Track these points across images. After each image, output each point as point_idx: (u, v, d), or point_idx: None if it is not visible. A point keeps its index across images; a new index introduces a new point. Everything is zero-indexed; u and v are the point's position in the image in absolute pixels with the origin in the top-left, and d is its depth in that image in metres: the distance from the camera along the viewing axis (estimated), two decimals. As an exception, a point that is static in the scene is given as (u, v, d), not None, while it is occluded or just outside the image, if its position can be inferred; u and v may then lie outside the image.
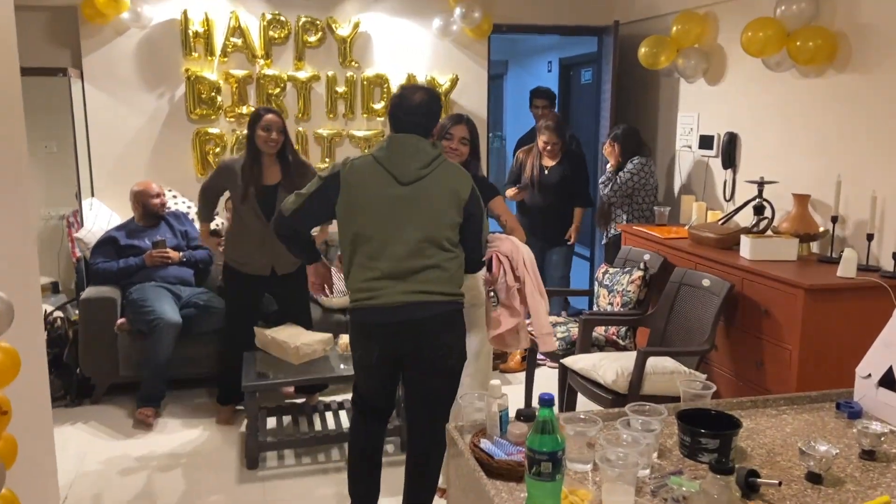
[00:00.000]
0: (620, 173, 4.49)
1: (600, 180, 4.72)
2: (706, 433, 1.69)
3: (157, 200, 4.37)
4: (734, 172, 4.18)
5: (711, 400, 1.94)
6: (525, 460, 1.45)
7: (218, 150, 4.91)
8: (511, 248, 2.83)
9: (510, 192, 4.89)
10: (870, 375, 1.96)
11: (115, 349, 4.10)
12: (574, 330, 3.73)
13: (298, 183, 3.48)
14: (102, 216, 4.58)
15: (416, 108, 2.48)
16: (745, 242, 3.37)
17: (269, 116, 3.69)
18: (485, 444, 1.70)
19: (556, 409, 1.48)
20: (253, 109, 4.84)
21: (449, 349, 2.49)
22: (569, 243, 4.87)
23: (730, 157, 4.16)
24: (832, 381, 2.95)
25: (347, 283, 2.53)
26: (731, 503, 1.46)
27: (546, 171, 4.79)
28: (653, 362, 3.09)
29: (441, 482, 2.68)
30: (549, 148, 4.73)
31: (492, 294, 2.81)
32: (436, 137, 2.65)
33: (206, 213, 3.96)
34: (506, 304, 2.79)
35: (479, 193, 2.55)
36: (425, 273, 2.42)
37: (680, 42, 4.40)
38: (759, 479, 1.56)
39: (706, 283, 3.35)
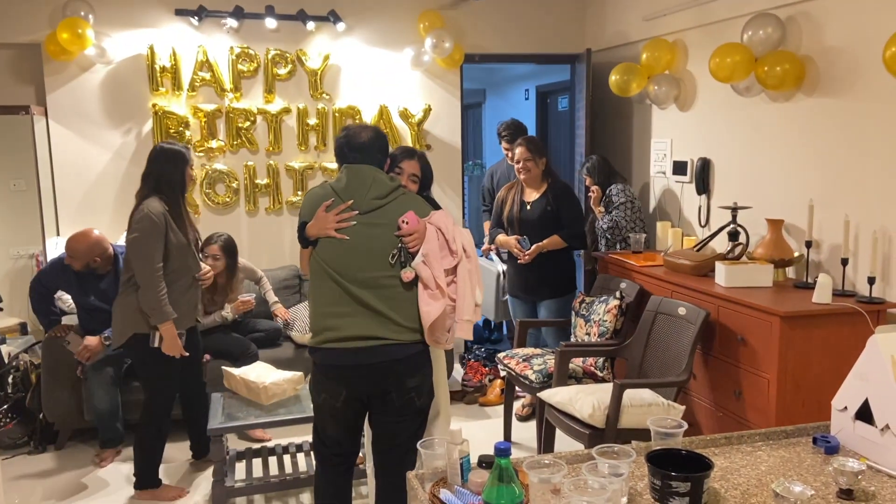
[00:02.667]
0: (615, 211, 4.32)
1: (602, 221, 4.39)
2: (676, 476, 1.60)
3: (97, 261, 3.78)
4: (708, 198, 4.15)
5: (685, 437, 1.86)
6: (483, 513, 1.36)
7: (187, 185, 4.82)
8: (447, 222, 2.52)
9: (507, 242, 4.16)
10: (846, 408, 1.89)
11: (79, 393, 3.96)
12: (551, 362, 3.65)
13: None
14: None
15: (364, 145, 2.46)
16: (721, 269, 3.32)
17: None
18: (444, 494, 1.61)
19: (516, 454, 1.40)
20: (220, 143, 4.82)
21: (417, 391, 2.43)
22: (523, 253, 4.02)
23: (703, 182, 4.14)
24: (811, 409, 2.90)
25: (311, 309, 2.49)
26: (702, 553, 1.38)
27: (527, 207, 4.13)
28: (630, 394, 3.02)
29: None
30: (521, 165, 4.05)
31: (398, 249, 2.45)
32: (385, 169, 2.59)
33: (163, 298, 3.28)
34: (428, 285, 2.43)
35: None
36: (387, 302, 2.37)
37: (650, 69, 4.40)
38: (731, 526, 1.48)
39: (682, 311, 3.30)
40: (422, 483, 1.73)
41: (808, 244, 3.28)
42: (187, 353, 3.38)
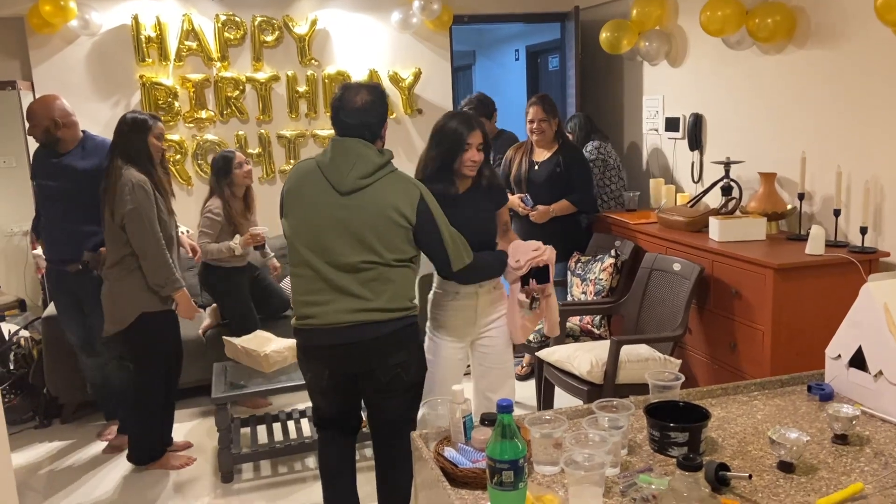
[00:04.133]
0: None
1: None
2: (675, 427, 1.64)
3: (58, 125, 3.47)
4: (701, 154, 4.16)
5: (682, 389, 1.90)
6: (487, 469, 1.40)
7: (178, 156, 4.80)
8: (551, 258, 2.58)
9: (512, 201, 3.93)
10: (839, 356, 1.93)
11: (80, 367, 3.99)
12: (548, 321, 3.68)
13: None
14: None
15: (361, 111, 2.27)
16: (714, 224, 3.35)
17: (160, 124, 3.38)
18: (449, 452, 1.64)
19: (517, 412, 1.43)
20: (210, 113, 4.78)
21: (404, 367, 2.34)
22: (528, 209, 3.93)
23: (696, 138, 4.14)
24: (806, 359, 2.94)
25: (292, 295, 2.41)
26: (701, 500, 1.42)
27: (536, 167, 4.02)
28: (627, 350, 3.06)
29: None
30: (535, 126, 3.95)
31: (534, 303, 2.60)
32: (384, 140, 2.40)
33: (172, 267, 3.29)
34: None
35: (431, 207, 2.29)
36: (367, 286, 2.25)
37: (641, 25, 4.36)
38: (728, 473, 1.52)
39: (677, 267, 3.32)
40: (426, 442, 1.76)
41: (801, 196, 3.30)
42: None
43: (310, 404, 3.83)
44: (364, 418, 2.64)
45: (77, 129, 3.55)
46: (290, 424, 3.71)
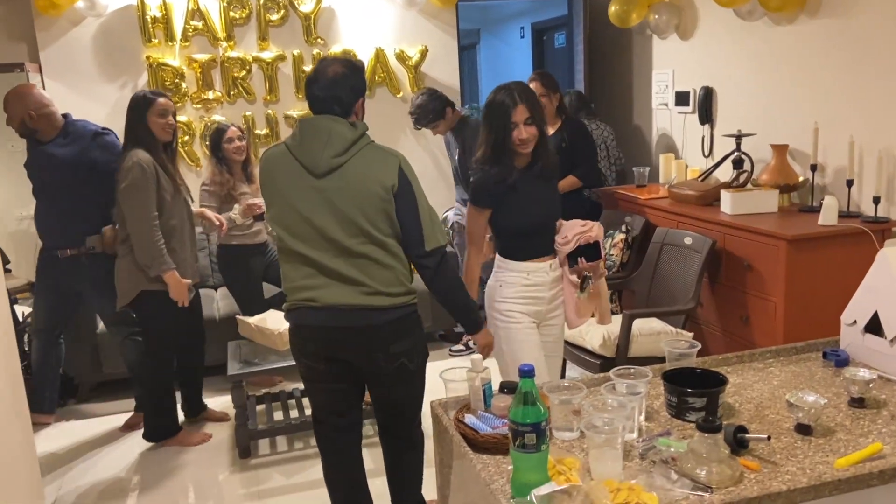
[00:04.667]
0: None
1: None
2: (692, 392, 1.66)
3: (32, 116, 3.45)
4: (711, 127, 4.14)
5: (697, 358, 1.91)
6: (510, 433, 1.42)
7: (186, 137, 4.80)
8: (599, 234, 2.46)
9: None
10: (855, 322, 1.93)
11: (98, 347, 4.03)
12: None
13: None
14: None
15: (331, 83, 2.12)
16: (726, 197, 3.34)
17: (163, 100, 3.29)
18: (469, 418, 1.66)
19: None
20: (217, 94, 4.77)
21: (407, 355, 2.23)
22: None
23: (706, 112, 4.12)
24: (819, 330, 2.92)
25: (283, 283, 2.26)
26: (720, 461, 1.44)
27: None
28: (639, 324, 3.07)
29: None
30: None
31: (586, 283, 2.47)
32: (360, 115, 2.24)
33: (164, 249, 3.23)
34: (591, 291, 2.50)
35: (409, 177, 2.17)
36: (363, 269, 2.14)
37: (650, -3, 4.33)
38: (747, 435, 1.53)
39: (688, 241, 3.32)
40: (445, 410, 1.78)
41: (814, 168, 3.28)
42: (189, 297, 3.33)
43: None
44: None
45: (55, 118, 3.52)
46: (305, 401, 3.74)
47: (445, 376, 1.82)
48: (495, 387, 1.74)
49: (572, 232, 2.44)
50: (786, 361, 2.00)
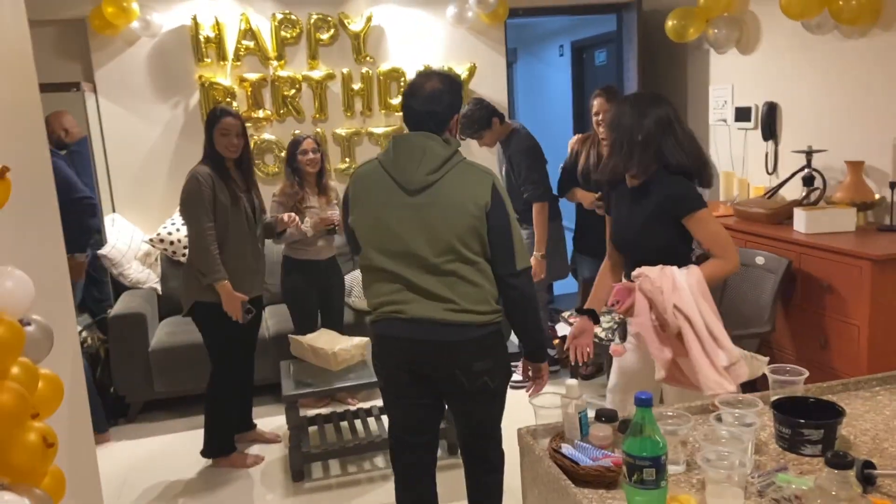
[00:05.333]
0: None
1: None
2: (808, 423, 1.54)
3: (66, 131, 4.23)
4: (776, 144, 4.01)
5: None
6: (620, 466, 1.32)
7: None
8: (652, 288, 2.15)
9: (586, 198, 3.91)
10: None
11: (149, 365, 4.00)
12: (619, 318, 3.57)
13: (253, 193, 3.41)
14: (125, 231, 4.49)
15: (429, 98, 2.13)
16: (800, 215, 3.20)
17: (229, 119, 3.27)
18: (566, 449, 1.56)
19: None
20: (267, 113, 4.77)
21: (489, 374, 2.20)
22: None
23: (770, 128, 3.99)
24: (907, 355, 2.80)
25: (367, 299, 2.26)
26: (851, 500, 1.32)
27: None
28: (711, 347, 2.93)
29: None
30: (601, 118, 3.76)
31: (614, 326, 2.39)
32: (454, 132, 2.24)
33: (219, 260, 3.24)
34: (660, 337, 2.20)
35: (503, 196, 2.15)
36: (452, 287, 2.12)
37: (709, 11, 4.23)
38: (875, 471, 1.41)
39: (760, 260, 3.19)
40: (535, 438, 1.69)
41: (893, 185, 3.14)
42: (246, 318, 3.31)
43: (375, 403, 3.85)
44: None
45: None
46: (358, 423, 3.67)
47: (536, 402, 1.73)
48: (591, 414, 1.64)
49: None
50: (893, 390, 1.87)
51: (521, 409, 1.97)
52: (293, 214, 3.69)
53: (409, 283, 2.14)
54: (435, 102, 2.14)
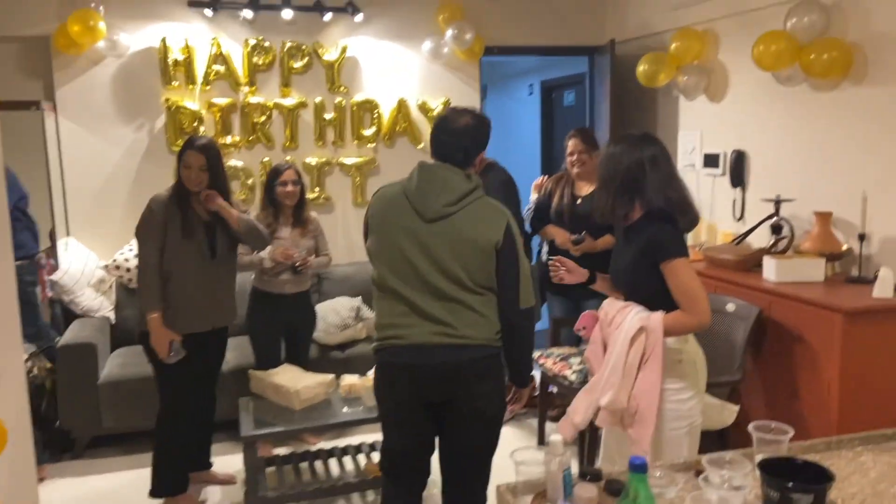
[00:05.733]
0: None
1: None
2: (798, 487, 1.49)
3: None
4: (743, 191, 4.06)
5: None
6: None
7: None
8: (603, 319, 2.38)
9: (560, 235, 3.87)
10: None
11: (98, 398, 3.81)
12: (591, 361, 3.53)
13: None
14: (79, 256, 4.30)
15: (461, 133, 2.23)
16: (770, 263, 3.22)
17: (190, 153, 3.12)
18: (549, 510, 1.49)
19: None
20: (235, 139, 4.66)
21: (486, 399, 2.25)
22: (578, 246, 3.71)
23: (738, 175, 4.04)
24: (877, 410, 2.81)
25: (375, 318, 2.37)
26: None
27: (578, 202, 3.86)
28: (682, 395, 2.90)
29: None
30: (575, 158, 3.82)
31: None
32: (478, 168, 2.34)
33: (157, 291, 3.11)
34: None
35: (515, 236, 2.23)
36: (455, 314, 2.19)
37: (679, 59, 4.30)
38: (868, 541, 1.37)
39: (731, 307, 3.19)
40: (515, 496, 1.61)
41: (862, 237, 3.18)
42: (172, 358, 3.10)
43: (337, 444, 3.71)
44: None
45: None
46: (318, 465, 3.53)
47: (517, 457, 1.65)
48: (574, 471, 1.57)
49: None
50: (877, 450, 1.84)
51: (503, 468, 1.90)
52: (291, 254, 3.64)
53: (414, 306, 2.21)
54: (466, 138, 2.24)
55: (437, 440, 2.38)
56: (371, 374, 3.43)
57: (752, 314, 3.06)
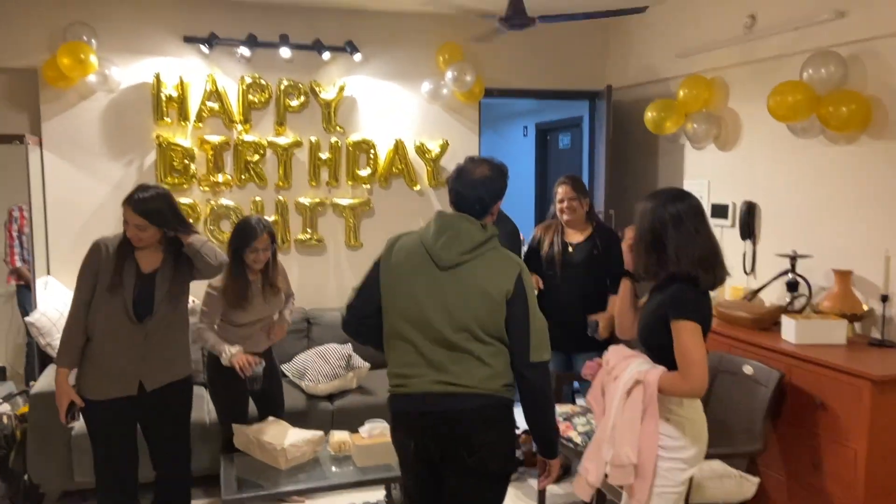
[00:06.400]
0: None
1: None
2: None
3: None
4: (754, 244, 3.92)
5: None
6: None
7: (190, 221, 4.48)
8: (605, 367, 2.43)
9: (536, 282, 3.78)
10: None
11: (70, 451, 3.56)
12: (597, 422, 3.33)
13: (183, 270, 2.88)
14: (58, 297, 4.09)
15: (478, 184, 2.24)
16: (789, 324, 3.06)
17: (127, 208, 2.75)
18: None
19: None
20: (227, 177, 4.51)
21: (489, 449, 2.18)
22: (597, 339, 3.64)
23: (748, 227, 3.90)
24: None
25: (388, 370, 2.34)
26: None
27: (570, 249, 3.78)
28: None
29: None
30: (566, 205, 3.74)
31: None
32: (495, 217, 2.36)
33: (75, 347, 2.82)
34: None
35: (526, 287, 2.21)
36: (462, 364, 2.17)
37: (688, 107, 4.19)
38: None
39: (748, 370, 3.02)
40: None
41: (885, 298, 3.03)
42: (69, 421, 2.85)
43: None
44: None
45: None
46: (305, 530, 3.29)
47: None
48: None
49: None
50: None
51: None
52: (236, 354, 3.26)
53: (421, 354, 2.20)
54: (483, 188, 2.25)
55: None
56: (362, 430, 3.26)
57: (773, 379, 2.88)
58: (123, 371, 2.83)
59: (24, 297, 4.25)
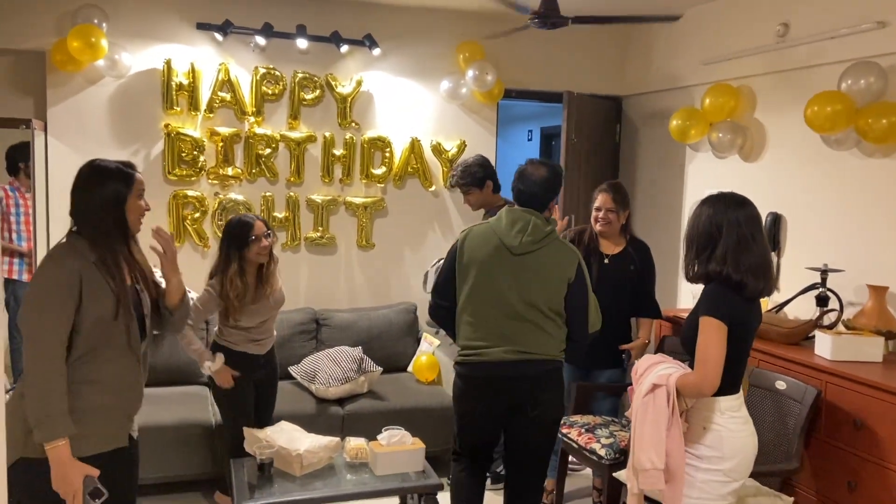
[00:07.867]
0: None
1: None
2: None
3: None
4: (779, 256, 3.84)
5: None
6: None
7: (197, 214, 4.35)
8: (646, 368, 2.44)
9: None
10: None
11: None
12: (623, 434, 3.24)
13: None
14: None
15: (538, 184, 2.69)
16: (824, 340, 2.98)
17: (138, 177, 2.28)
18: None
19: None
20: (237, 170, 4.38)
21: (550, 403, 2.70)
22: (627, 362, 3.53)
23: (774, 238, 3.83)
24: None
25: (457, 340, 2.77)
26: None
27: (606, 261, 3.51)
28: (732, 483, 2.62)
29: None
30: (602, 215, 3.47)
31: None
32: (552, 212, 2.83)
33: (61, 401, 1.97)
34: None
35: (583, 273, 2.67)
36: (530, 335, 2.62)
37: (712, 115, 4.11)
38: None
39: (781, 385, 2.93)
40: None
41: (923, 316, 2.97)
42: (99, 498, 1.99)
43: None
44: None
45: None
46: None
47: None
48: None
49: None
50: None
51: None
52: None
53: (494, 326, 2.64)
54: (542, 188, 2.70)
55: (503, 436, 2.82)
56: (381, 437, 3.14)
57: (810, 396, 2.80)
58: (126, 418, 2.21)
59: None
